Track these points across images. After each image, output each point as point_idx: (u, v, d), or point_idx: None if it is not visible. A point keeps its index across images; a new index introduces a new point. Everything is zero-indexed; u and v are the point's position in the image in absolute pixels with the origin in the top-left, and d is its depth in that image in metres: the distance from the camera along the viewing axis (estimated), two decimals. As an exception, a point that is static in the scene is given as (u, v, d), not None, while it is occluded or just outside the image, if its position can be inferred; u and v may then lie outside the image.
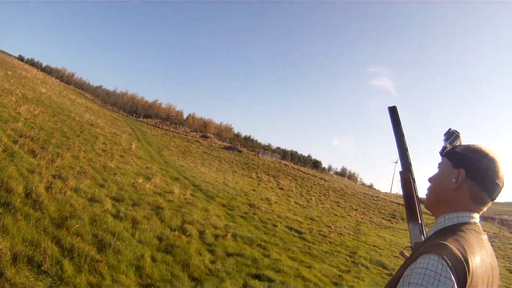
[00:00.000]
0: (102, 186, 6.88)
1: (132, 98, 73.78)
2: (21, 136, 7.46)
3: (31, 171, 5.59)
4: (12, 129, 7.69)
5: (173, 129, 47.92)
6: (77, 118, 16.00)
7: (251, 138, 73.11)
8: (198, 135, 49.57)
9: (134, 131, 29.57)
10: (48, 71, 67.79)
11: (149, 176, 10.00)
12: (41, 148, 7.37)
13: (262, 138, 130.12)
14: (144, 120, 51.21)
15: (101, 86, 77.18)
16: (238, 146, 45.07)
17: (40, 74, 42.36)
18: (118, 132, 19.55)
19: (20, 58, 70.53)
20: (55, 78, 58.19)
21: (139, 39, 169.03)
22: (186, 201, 8.61)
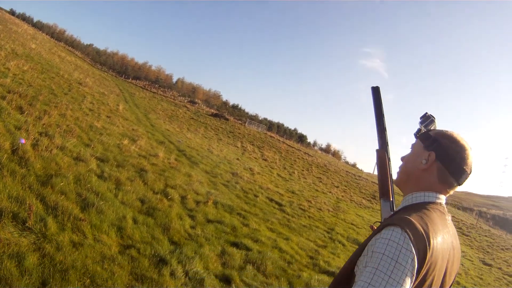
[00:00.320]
0: (87, 145, 6.82)
1: (122, 58, 72.42)
2: (9, 92, 7.24)
3: (18, 128, 5.50)
4: (0, 84, 7.46)
5: (161, 92, 46.97)
6: (65, 76, 15.50)
7: (239, 107, 72.90)
8: (186, 100, 48.90)
9: (122, 92, 28.77)
10: (39, 26, 64.49)
11: (134, 138, 9.92)
12: (28, 104, 7.18)
13: (250, 108, 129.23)
14: (133, 81, 50.03)
15: (92, 45, 74.98)
16: (225, 114, 44.74)
17: (30, 29, 40.05)
18: (106, 92, 19.04)
19: (12, 12, 66.34)
20: (46, 34, 55.36)
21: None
22: (170, 165, 8.64)
